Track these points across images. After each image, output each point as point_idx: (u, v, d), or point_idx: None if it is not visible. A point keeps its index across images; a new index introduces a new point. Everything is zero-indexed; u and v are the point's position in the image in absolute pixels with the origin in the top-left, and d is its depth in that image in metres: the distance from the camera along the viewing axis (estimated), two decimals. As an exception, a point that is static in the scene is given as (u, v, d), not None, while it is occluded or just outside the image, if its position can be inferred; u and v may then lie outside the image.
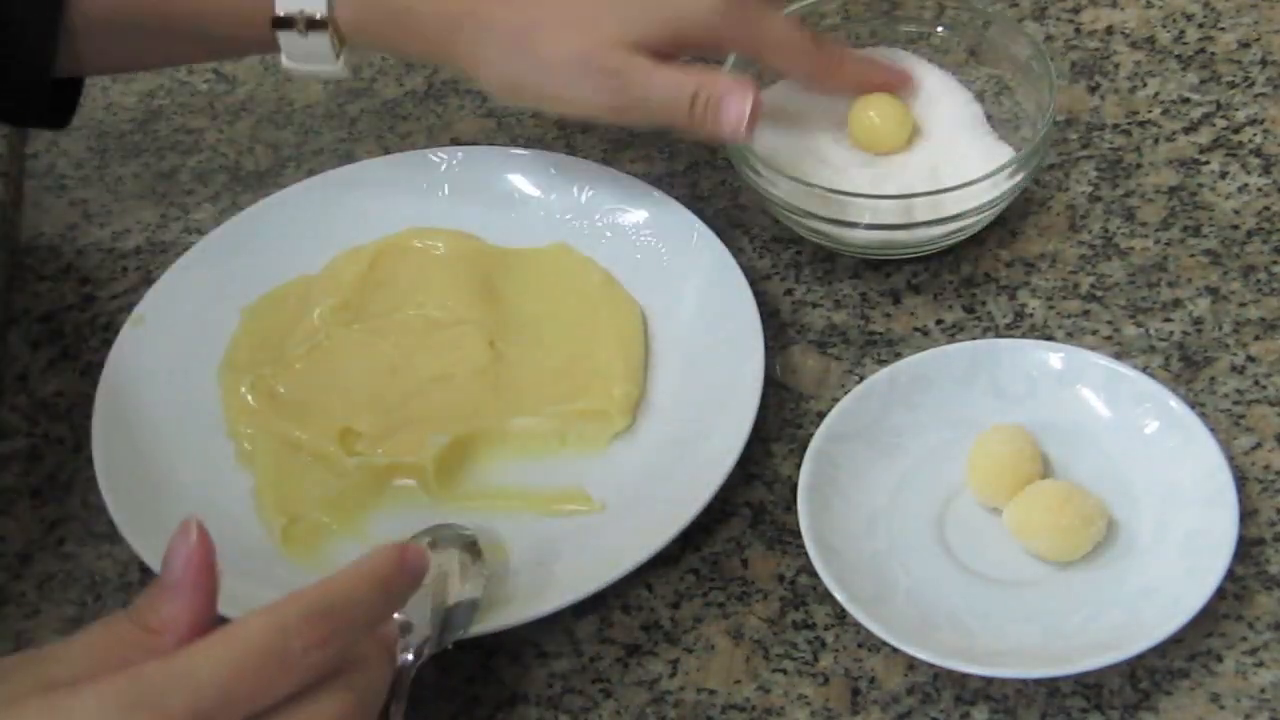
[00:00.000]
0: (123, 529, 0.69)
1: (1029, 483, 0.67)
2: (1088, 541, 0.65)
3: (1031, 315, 0.76)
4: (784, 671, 0.65)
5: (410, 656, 0.61)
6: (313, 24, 0.75)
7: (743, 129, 0.73)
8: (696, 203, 0.81)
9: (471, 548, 0.66)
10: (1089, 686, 0.63)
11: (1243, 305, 0.75)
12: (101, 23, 0.77)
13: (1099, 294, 0.77)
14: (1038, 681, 0.63)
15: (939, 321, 0.77)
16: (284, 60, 0.77)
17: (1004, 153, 0.78)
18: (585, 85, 0.73)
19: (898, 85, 0.80)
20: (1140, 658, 0.62)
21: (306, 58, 0.76)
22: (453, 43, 0.74)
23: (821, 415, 0.70)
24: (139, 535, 0.69)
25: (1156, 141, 0.83)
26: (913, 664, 0.65)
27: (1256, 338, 0.74)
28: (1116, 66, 0.87)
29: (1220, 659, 0.64)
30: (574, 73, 0.73)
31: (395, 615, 0.58)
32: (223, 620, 0.52)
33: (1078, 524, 0.65)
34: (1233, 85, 0.85)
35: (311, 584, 0.52)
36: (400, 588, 0.55)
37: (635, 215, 0.80)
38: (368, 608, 0.53)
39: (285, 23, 0.75)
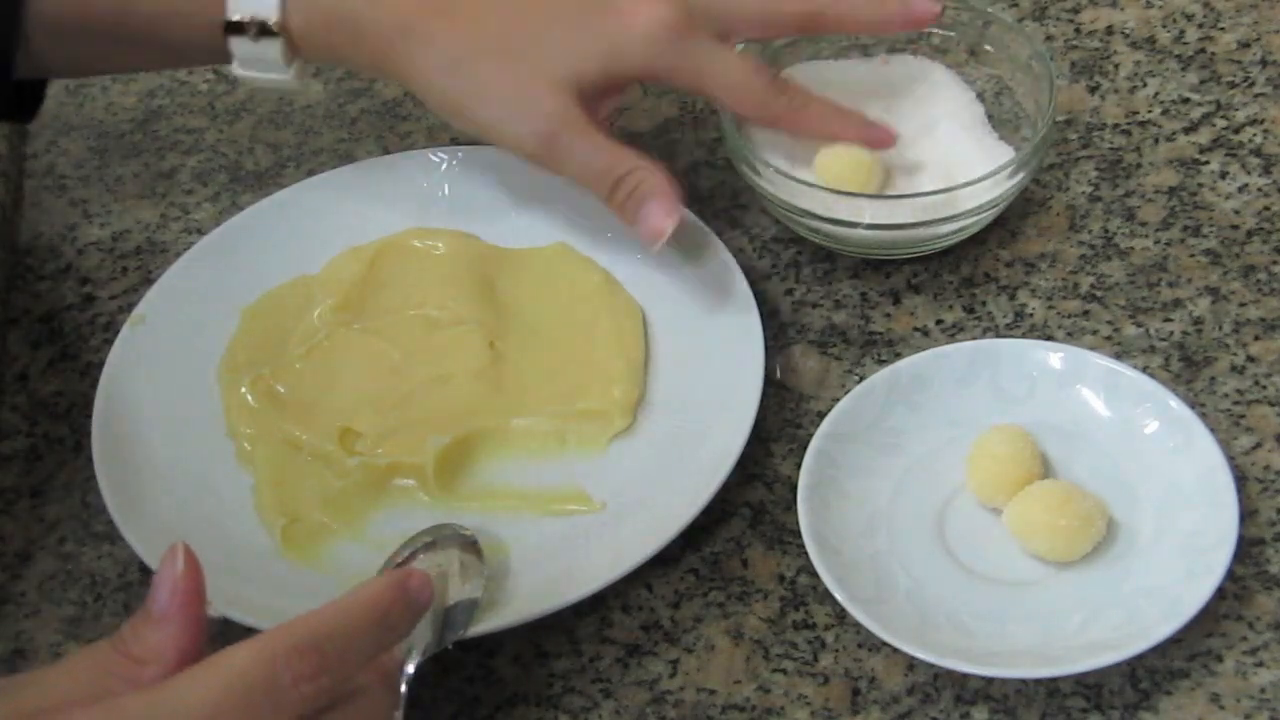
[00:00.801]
0: (123, 529, 0.69)
1: (1029, 483, 0.67)
2: (1088, 541, 0.65)
3: (1031, 315, 0.76)
4: (784, 671, 0.65)
5: (410, 659, 0.61)
6: (264, 30, 0.74)
7: (658, 244, 0.72)
8: (696, 203, 0.81)
9: (471, 548, 0.66)
10: (1089, 686, 0.63)
11: (1243, 305, 0.75)
12: (56, 26, 0.76)
13: (1099, 294, 0.77)
14: (1038, 681, 0.63)
15: (939, 321, 0.77)
16: (236, 68, 0.76)
17: (1004, 153, 0.78)
18: (518, 122, 0.72)
19: (870, 141, 0.76)
20: (1140, 658, 0.62)
21: (258, 65, 0.76)
22: (394, 55, 0.74)
23: (821, 415, 0.70)
24: (139, 535, 0.69)
25: (1156, 141, 0.83)
26: (913, 664, 0.65)
27: (1256, 338, 0.74)
28: (1116, 66, 0.87)
29: (1220, 659, 0.64)
30: (508, 107, 0.72)
31: None
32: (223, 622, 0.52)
33: (1078, 524, 0.65)
34: (1233, 85, 0.85)
35: (305, 613, 0.51)
36: (401, 618, 0.54)
37: (635, 215, 0.80)
38: (364, 638, 0.52)
39: (237, 28, 0.75)
